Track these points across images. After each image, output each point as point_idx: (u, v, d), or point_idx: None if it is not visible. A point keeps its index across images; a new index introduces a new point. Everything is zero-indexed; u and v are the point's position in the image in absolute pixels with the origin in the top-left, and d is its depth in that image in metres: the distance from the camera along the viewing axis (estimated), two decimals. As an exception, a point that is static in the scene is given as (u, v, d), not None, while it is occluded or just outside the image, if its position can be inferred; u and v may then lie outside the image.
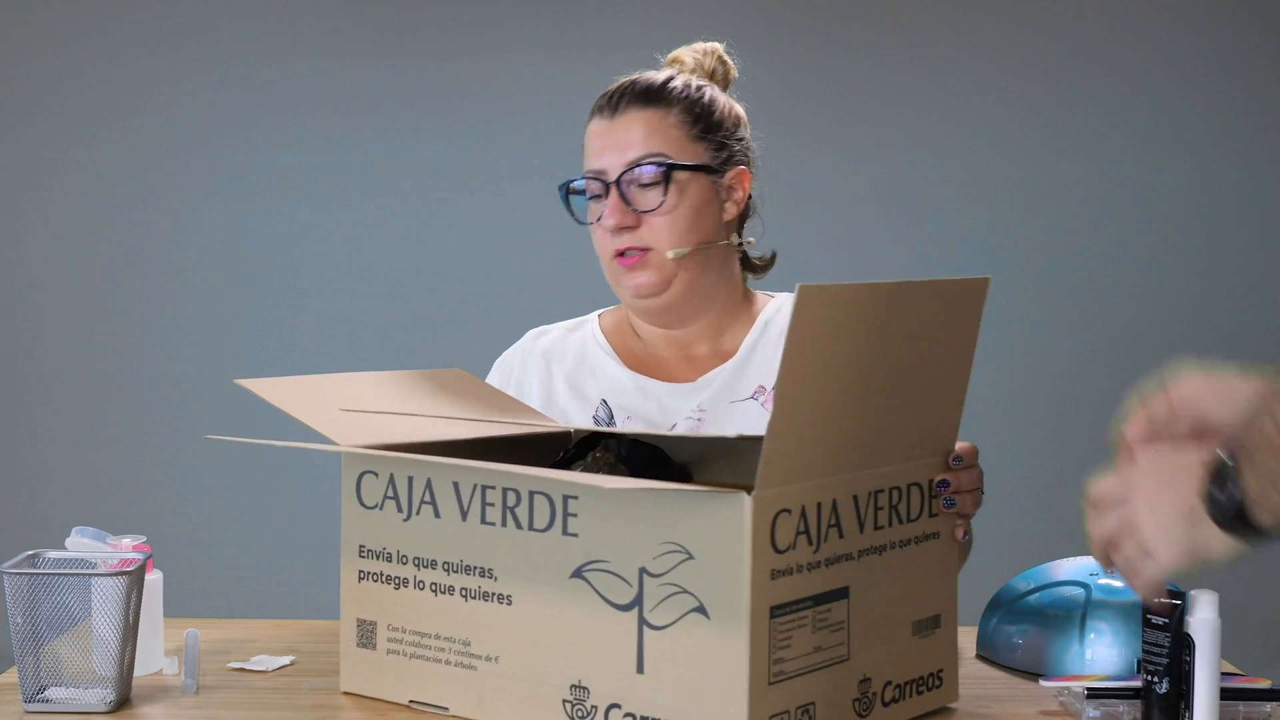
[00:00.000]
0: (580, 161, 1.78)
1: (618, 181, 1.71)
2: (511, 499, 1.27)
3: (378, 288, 3.99)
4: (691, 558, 1.15)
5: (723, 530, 1.13)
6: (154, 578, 1.49)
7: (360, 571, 1.39)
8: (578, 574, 1.23)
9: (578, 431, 1.55)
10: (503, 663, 1.28)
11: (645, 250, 1.71)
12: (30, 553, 1.40)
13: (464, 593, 1.31)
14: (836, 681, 1.23)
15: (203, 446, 3.92)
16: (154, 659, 1.48)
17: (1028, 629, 1.53)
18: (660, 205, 1.70)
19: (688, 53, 1.84)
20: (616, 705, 1.21)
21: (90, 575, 1.35)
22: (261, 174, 4.07)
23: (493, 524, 1.28)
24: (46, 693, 1.36)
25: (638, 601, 1.19)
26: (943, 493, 1.35)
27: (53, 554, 1.42)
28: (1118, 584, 1.52)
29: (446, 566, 1.32)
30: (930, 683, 1.34)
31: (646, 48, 1.97)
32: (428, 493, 1.33)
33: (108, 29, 4.00)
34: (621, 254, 1.71)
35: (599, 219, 1.72)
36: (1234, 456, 1.00)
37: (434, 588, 1.33)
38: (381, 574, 1.37)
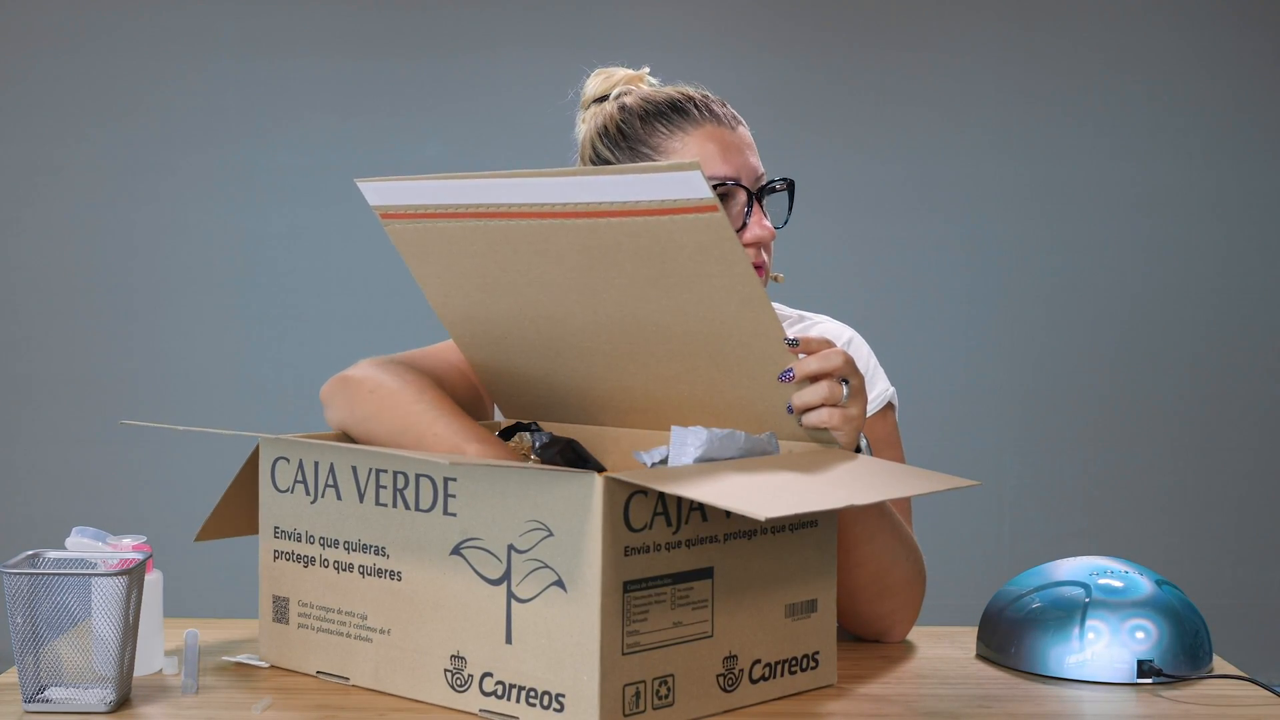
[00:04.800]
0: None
1: (760, 192, 1.68)
2: (401, 481, 1.42)
3: (377, 287, 4.12)
4: (552, 535, 1.30)
5: (577, 508, 1.28)
6: (154, 578, 1.54)
7: (275, 551, 1.55)
8: (456, 551, 1.38)
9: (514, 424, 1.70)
10: (393, 635, 1.44)
11: (763, 268, 1.68)
12: (30, 553, 1.44)
13: (361, 570, 1.47)
14: (698, 656, 1.37)
15: (202, 446, 4.08)
16: (154, 659, 1.54)
17: (1028, 629, 1.58)
18: (783, 225, 1.69)
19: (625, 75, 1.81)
20: (489, 674, 1.36)
21: (90, 575, 1.38)
22: (261, 174, 4.20)
23: (385, 505, 1.44)
24: (46, 693, 1.40)
25: (506, 576, 1.34)
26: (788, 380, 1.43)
27: (53, 554, 1.45)
28: (1118, 584, 1.59)
29: (347, 545, 1.48)
30: (805, 664, 1.48)
31: (646, 48, 2.02)
32: (330, 476, 1.49)
33: (108, 29, 4.14)
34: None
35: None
36: None
37: (337, 565, 1.49)
38: (293, 553, 1.54)
